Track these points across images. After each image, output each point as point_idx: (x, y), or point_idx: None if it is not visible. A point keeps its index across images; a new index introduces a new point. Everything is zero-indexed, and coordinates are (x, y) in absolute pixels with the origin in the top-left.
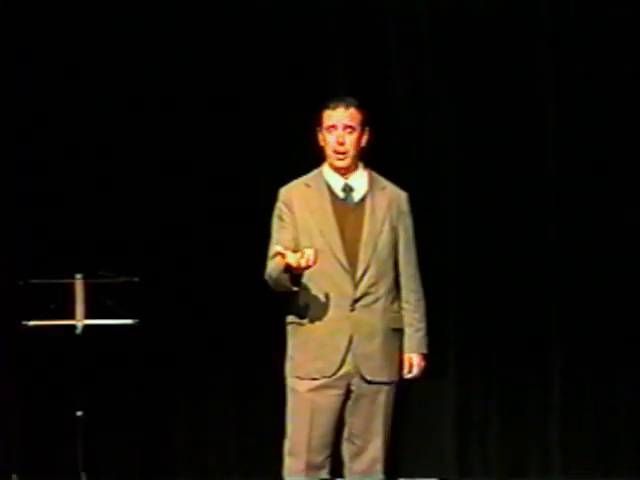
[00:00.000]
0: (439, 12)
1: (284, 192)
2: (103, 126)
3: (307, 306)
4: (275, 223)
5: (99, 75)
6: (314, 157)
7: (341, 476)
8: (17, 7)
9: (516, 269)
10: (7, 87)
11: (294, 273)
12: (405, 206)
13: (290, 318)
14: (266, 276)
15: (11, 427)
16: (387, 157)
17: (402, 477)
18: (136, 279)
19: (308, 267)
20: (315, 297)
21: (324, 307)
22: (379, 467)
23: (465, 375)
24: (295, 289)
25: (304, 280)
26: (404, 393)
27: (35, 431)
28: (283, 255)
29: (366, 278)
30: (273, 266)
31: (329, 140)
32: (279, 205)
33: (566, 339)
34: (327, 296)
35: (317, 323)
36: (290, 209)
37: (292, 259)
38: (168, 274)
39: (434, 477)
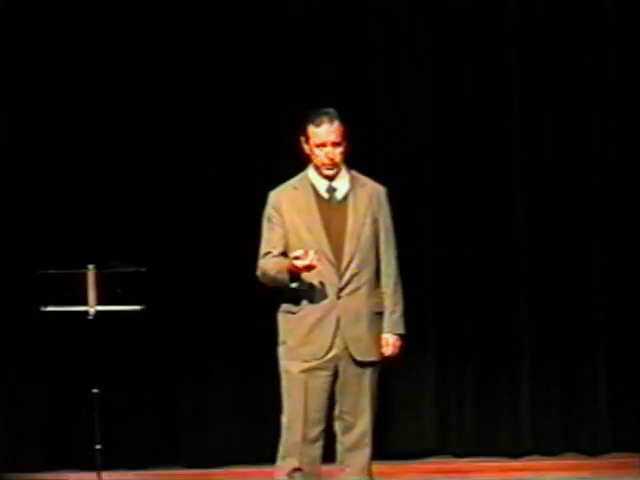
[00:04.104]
0: (418, 13)
1: (273, 196)
2: (113, 124)
3: (297, 296)
4: (265, 224)
5: (105, 72)
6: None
7: (333, 449)
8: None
9: (489, 258)
10: (24, 83)
11: (295, 273)
12: (384, 199)
13: (282, 307)
14: (259, 273)
15: (32, 403)
16: (370, 156)
17: (386, 449)
18: (143, 269)
19: (311, 268)
20: (304, 288)
21: (313, 297)
22: (367, 440)
23: (443, 357)
24: (293, 285)
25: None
26: (388, 373)
27: (54, 406)
28: (298, 257)
29: (350, 268)
30: (270, 266)
31: (318, 155)
32: (268, 208)
33: (535, 324)
34: (315, 287)
35: (307, 311)
36: (279, 211)
37: (300, 263)
38: (172, 265)
39: (415, 449)
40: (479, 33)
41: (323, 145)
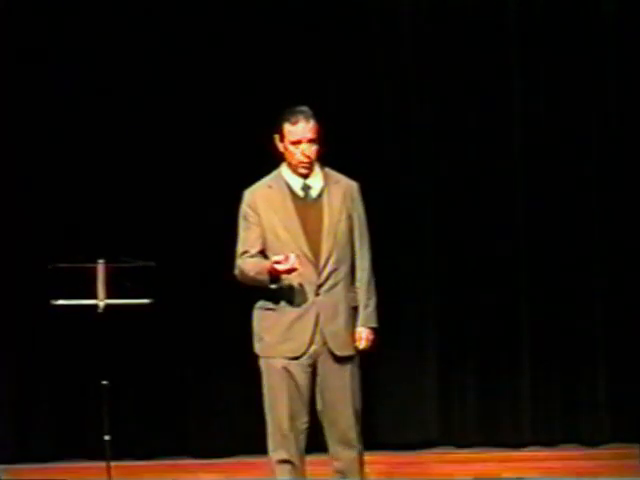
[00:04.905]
0: (421, 12)
1: (248, 194)
2: (123, 119)
3: (276, 293)
4: (241, 223)
5: (109, 69)
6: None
7: (322, 440)
8: None
9: (490, 254)
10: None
11: (275, 274)
12: (357, 194)
13: (260, 304)
14: (237, 272)
15: (42, 395)
16: (371, 157)
17: (389, 439)
18: (152, 263)
19: (292, 271)
20: (283, 285)
21: (292, 294)
22: (353, 434)
23: (445, 349)
24: (273, 286)
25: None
26: (392, 365)
27: (63, 398)
28: (279, 262)
29: (328, 265)
30: (250, 267)
31: (294, 152)
32: (244, 207)
33: (535, 318)
34: (294, 284)
35: (286, 308)
36: (255, 210)
37: (282, 267)
38: (181, 259)
39: (418, 440)
40: (480, 33)
41: (299, 142)
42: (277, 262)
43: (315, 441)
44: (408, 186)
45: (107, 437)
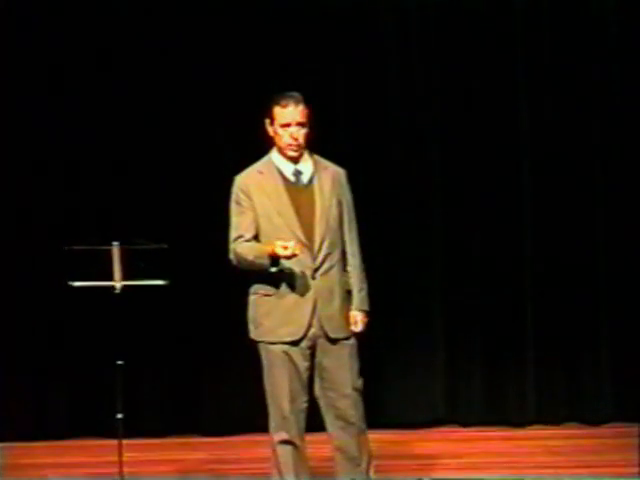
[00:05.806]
0: (428, 12)
1: (240, 180)
2: (136, 106)
3: (273, 278)
4: (234, 208)
5: (114, 62)
6: None
7: (321, 420)
8: None
9: (497, 242)
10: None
11: (275, 258)
12: (345, 181)
13: (255, 289)
14: (232, 256)
15: (58, 374)
16: (379, 155)
17: (397, 418)
18: (165, 246)
19: (293, 256)
20: (283, 268)
21: (289, 279)
22: (352, 412)
23: (452, 331)
24: (273, 270)
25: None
26: (401, 346)
27: (78, 377)
28: (285, 247)
29: (323, 249)
30: (247, 250)
31: (283, 135)
32: (236, 192)
33: (540, 299)
34: (291, 269)
35: (284, 293)
36: (248, 195)
37: (281, 251)
38: (194, 241)
39: (425, 418)
40: (486, 34)
41: (288, 125)
42: (282, 247)
43: (315, 420)
44: (417, 184)
45: (120, 415)
